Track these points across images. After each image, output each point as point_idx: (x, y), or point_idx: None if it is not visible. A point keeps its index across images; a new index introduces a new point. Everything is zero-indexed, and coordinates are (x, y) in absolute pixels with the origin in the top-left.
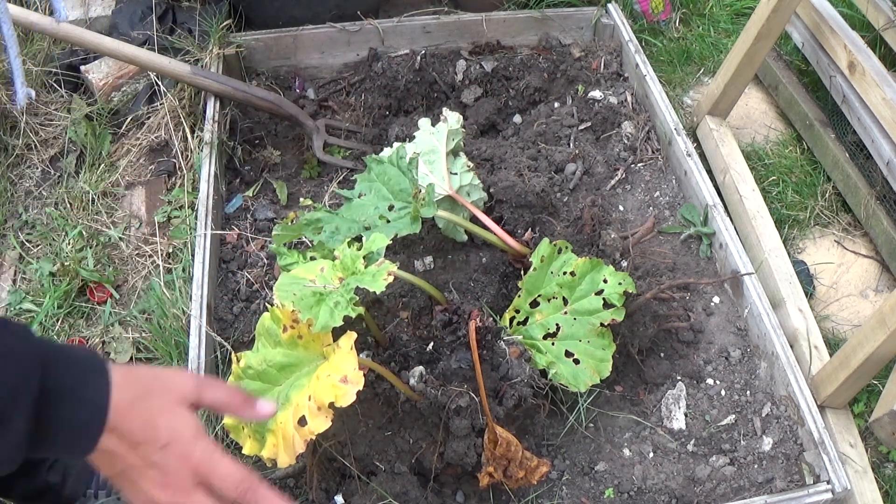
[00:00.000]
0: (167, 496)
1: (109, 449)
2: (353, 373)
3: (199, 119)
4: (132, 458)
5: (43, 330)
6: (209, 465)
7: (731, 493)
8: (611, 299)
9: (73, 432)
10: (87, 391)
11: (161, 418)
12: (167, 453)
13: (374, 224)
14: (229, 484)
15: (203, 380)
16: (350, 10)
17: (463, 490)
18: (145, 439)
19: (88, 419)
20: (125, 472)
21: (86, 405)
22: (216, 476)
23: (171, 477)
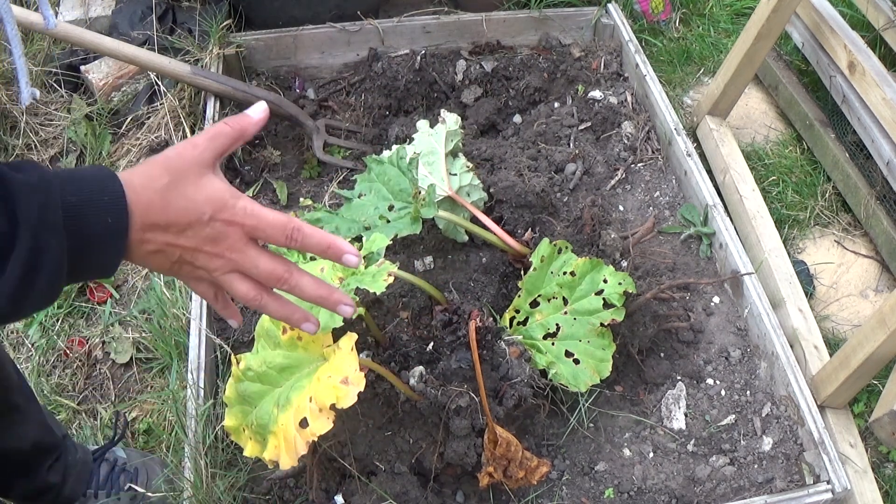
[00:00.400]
0: (224, 262)
1: (160, 244)
2: (353, 374)
3: (199, 119)
4: (184, 241)
5: (43, 330)
6: (255, 218)
7: (731, 493)
8: (611, 299)
9: (102, 240)
10: (104, 198)
11: (197, 195)
12: (214, 223)
13: (374, 224)
14: (277, 230)
15: (209, 137)
16: (350, 10)
17: (463, 490)
18: (190, 221)
19: (114, 223)
20: (181, 260)
21: (107, 211)
22: (263, 227)
23: (224, 243)
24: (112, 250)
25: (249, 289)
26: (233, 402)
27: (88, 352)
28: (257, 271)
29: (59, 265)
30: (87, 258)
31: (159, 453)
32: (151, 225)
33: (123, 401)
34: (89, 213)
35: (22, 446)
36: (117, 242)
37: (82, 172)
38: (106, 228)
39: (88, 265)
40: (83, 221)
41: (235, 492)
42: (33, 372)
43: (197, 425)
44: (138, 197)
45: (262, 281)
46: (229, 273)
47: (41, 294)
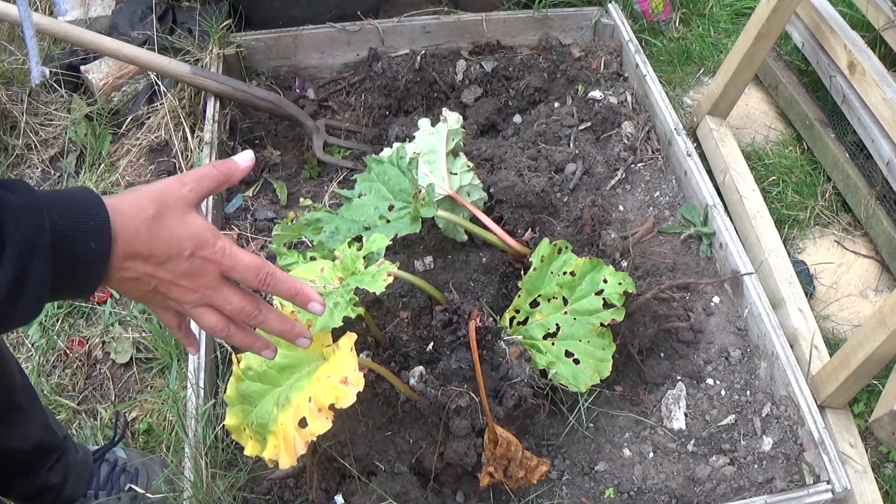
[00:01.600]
0: (197, 297)
1: (139, 273)
2: (353, 374)
3: (199, 119)
4: (162, 273)
5: (43, 330)
6: (232, 259)
7: (731, 493)
8: (611, 299)
9: (86, 264)
10: (89, 223)
11: (181, 231)
12: (194, 260)
13: (374, 224)
14: (251, 273)
15: (196, 178)
16: (350, 10)
17: (463, 490)
18: (171, 255)
19: (97, 247)
20: (156, 290)
21: (91, 235)
22: (239, 269)
23: (201, 279)
24: (93, 274)
25: (218, 321)
26: (234, 401)
27: (88, 352)
28: (230, 308)
29: (43, 285)
30: (70, 280)
31: (159, 453)
32: (133, 254)
33: (123, 401)
34: (75, 237)
35: (23, 446)
36: (99, 267)
37: (71, 195)
38: (89, 253)
39: (69, 286)
40: (69, 245)
41: (235, 492)
42: (33, 372)
43: (197, 425)
44: (124, 225)
45: (232, 316)
46: (200, 307)
47: (23, 312)
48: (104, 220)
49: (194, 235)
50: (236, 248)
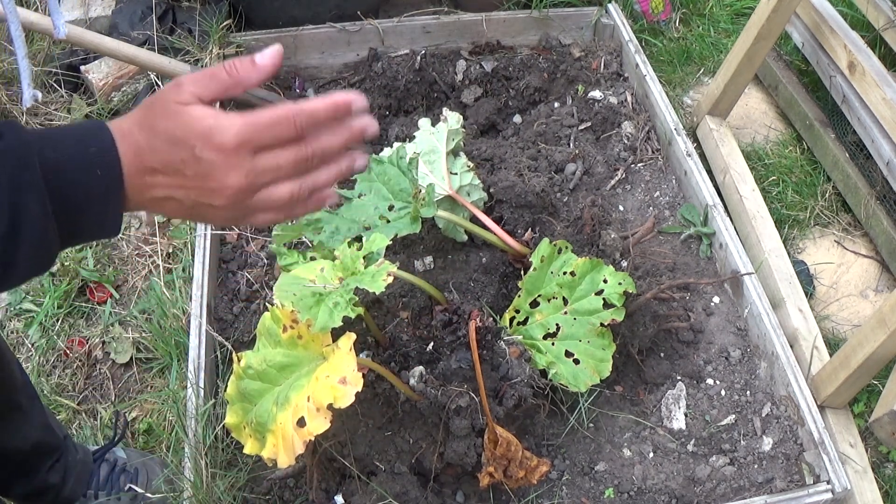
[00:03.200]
0: (246, 184)
1: (166, 189)
2: (351, 374)
3: None
4: (190, 181)
5: (43, 330)
6: (252, 127)
7: (731, 493)
8: (611, 299)
9: (96, 196)
10: (90, 150)
11: (176, 131)
12: (208, 153)
13: (374, 224)
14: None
15: (194, 80)
16: (350, 10)
17: (463, 490)
18: (182, 159)
19: (105, 174)
20: (199, 204)
21: (95, 164)
22: (266, 131)
23: (235, 168)
24: (108, 204)
25: (288, 189)
26: (234, 399)
27: (88, 352)
28: (283, 171)
29: (42, 226)
30: (81, 215)
31: (159, 453)
32: (150, 169)
33: (123, 401)
34: (72, 168)
35: (23, 446)
36: (112, 195)
37: (69, 127)
38: (97, 181)
39: (85, 223)
40: (67, 178)
41: (235, 492)
42: (33, 372)
43: (197, 425)
44: (130, 143)
45: (292, 173)
46: (259, 193)
47: (30, 257)
48: (108, 144)
49: (192, 130)
50: (248, 113)
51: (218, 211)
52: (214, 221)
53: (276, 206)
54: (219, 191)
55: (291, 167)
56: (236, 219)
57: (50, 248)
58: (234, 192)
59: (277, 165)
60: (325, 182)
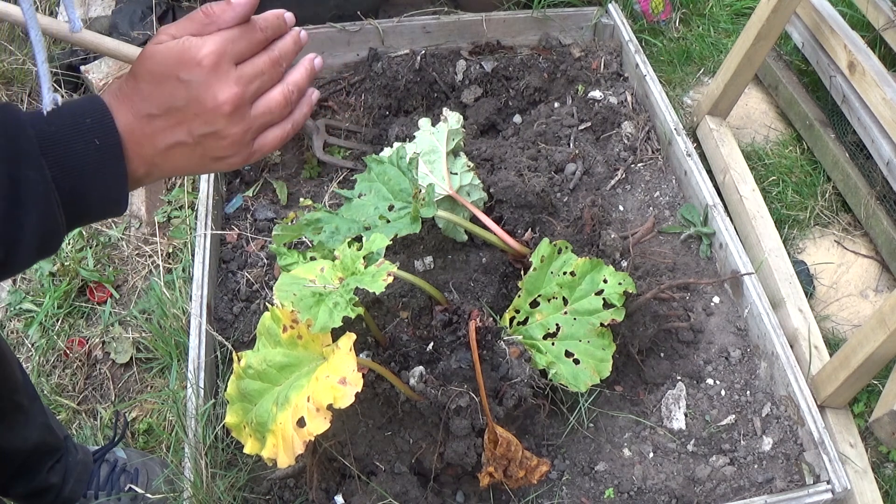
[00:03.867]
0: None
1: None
2: (351, 374)
3: None
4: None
5: (43, 330)
6: (221, 40)
7: (731, 493)
8: (611, 299)
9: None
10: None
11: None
12: (193, 76)
13: (374, 224)
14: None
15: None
16: (350, 10)
17: (463, 490)
18: (171, 93)
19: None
20: (203, 137)
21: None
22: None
23: (223, 83)
24: (111, 173)
25: (279, 91)
26: (234, 399)
27: (88, 352)
28: (266, 74)
29: (44, 197)
30: (84, 187)
31: (159, 453)
32: (146, 117)
33: (123, 401)
34: (68, 139)
35: (24, 446)
36: (113, 162)
37: (65, 103)
38: (96, 151)
39: (89, 195)
40: (65, 148)
41: (235, 492)
42: (33, 372)
43: (197, 425)
44: (122, 101)
45: (274, 76)
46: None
47: (36, 232)
48: (103, 114)
49: (169, 59)
50: (210, 37)
51: (225, 141)
52: (226, 157)
53: (275, 111)
54: (217, 109)
55: (271, 68)
56: (244, 143)
57: (55, 221)
58: (231, 107)
59: (259, 69)
60: (303, 78)
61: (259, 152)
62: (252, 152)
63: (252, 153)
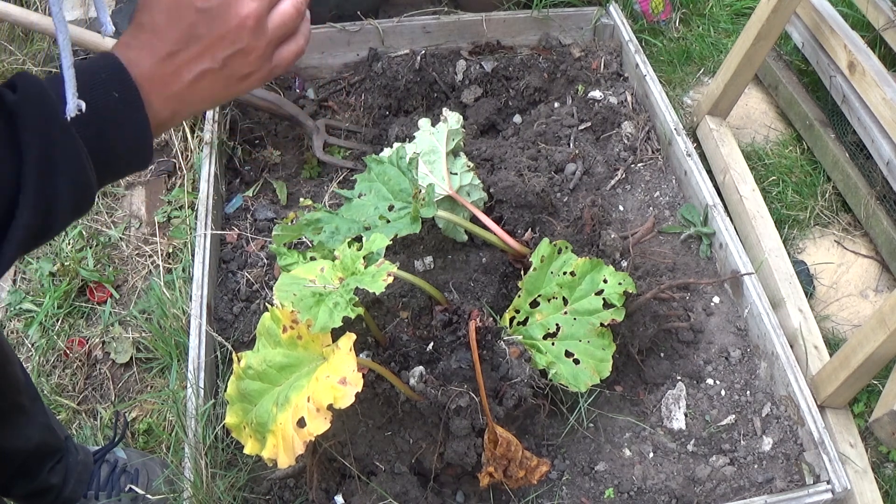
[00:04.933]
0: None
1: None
2: (351, 374)
3: (198, 119)
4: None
5: (43, 330)
6: None
7: (731, 493)
8: (611, 299)
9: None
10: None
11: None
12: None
13: (374, 224)
14: None
15: None
16: (350, 10)
17: (463, 490)
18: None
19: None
20: (228, 60)
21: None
22: None
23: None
24: (133, 121)
25: (288, 5)
26: (234, 399)
27: (88, 352)
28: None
29: (75, 156)
30: (111, 141)
31: (159, 453)
32: (168, 55)
33: (123, 401)
34: (90, 94)
35: (25, 447)
36: (136, 113)
37: (76, 64)
38: (117, 102)
39: (118, 149)
40: (87, 104)
41: (235, 492)
42: (33, 372)
43: (197, 425)
44: (136, 48)
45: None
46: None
47: (70, 192)
48: (117, 67)
49: None
50: None
51: (251, 56)
52: (252, 73)
53: (288, 23)
54: (241, 25)
55: None
56: (267, 57)
57: (88, 178)
58: (255, 20)
59: None
60: None
61: (279, 67)
62: (273, 67)
63: (273, 68)
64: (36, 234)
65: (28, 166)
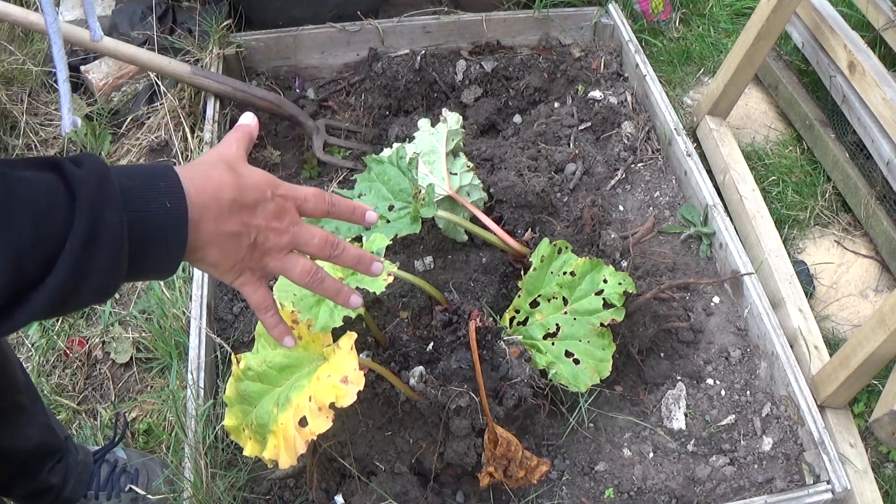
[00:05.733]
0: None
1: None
2: (353, 373)
3: (199, 119)
4: (258, 219)
5: (43, 330)
6: (301, 191)
7: (731, 493)
8: (611, 299)
9: (163, 226)
10: (160, 182)
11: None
12: (277, 199)
13: (374, 224)
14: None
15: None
16: (350, 10)
17: (463, 490)
18: (257, 199)
19: (173, 207)
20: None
21: (164, 194)
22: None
23: (286, 217)
24: (175, 236)
25: (308, 264)
26: (233, 401)
27: (88, 352)
28: (315, 242)
29: (119, 241)
30: (150, 244)
31: (159, 453)
32: (230, 203)
33: (123, 401)
34: (145, 196)
35: (25, 447)
36: (180, 229)
37: (138, 165)
38: (167, 212)
39: (153, 254)
40: (139, 203)
41: (235, 492)
42: (33, 372)
43: (197, 425)
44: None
45: (316, 252)
46: (291, 253)
47: (103, 271)
48: (175, 180)
49: (266, 177)
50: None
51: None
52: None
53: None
54: (283, 231)
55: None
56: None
57: (121, 267)
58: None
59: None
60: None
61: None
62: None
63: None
64: (61, 300)
65: (76, 233)
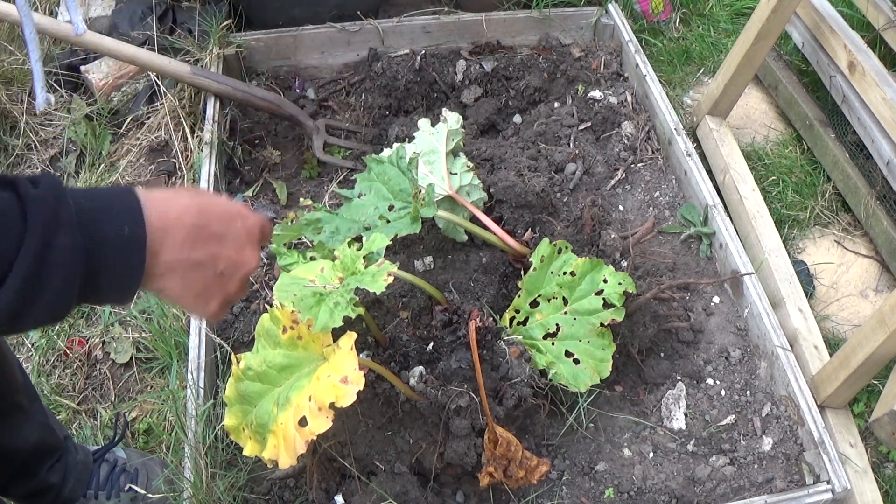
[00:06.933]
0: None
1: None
2: (353, 373)
3: (199, 119)
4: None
5: (43, 330)
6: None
7: (731, 493)
8: (611, 299)
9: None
10: (117, 205)
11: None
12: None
13: (374, 224)
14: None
15: None
16: (350, 10)
17: (463, 490)
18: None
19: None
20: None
21: (121, 216)
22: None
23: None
24: (130, 261)
25: None
26: (233, 401)
27: (88, 352)
28: (253, 264)
29: (71, 264)
30: (104, 267)
31: (159, 453)
32: (197, 229)
33: (123, 401)
34: (103, 217)
35: (24, 446)
36: (136, 254)
37: (100, 188)
38: (124, 237)
39: (107, 277)
40: (98, 224)
41: (235, 492)
42: (33, 372)
43: (197, 425)
44: (167, 211)
45: None
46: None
47: (54, 296)
48: (135, 203)
49: (235, 206)
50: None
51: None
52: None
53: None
54: (255, 255)
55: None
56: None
57: (73, 290)
58: (256, 260)
59: (258, 257)
60: None
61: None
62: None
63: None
64: (8, 319)
65: (26, 253)
